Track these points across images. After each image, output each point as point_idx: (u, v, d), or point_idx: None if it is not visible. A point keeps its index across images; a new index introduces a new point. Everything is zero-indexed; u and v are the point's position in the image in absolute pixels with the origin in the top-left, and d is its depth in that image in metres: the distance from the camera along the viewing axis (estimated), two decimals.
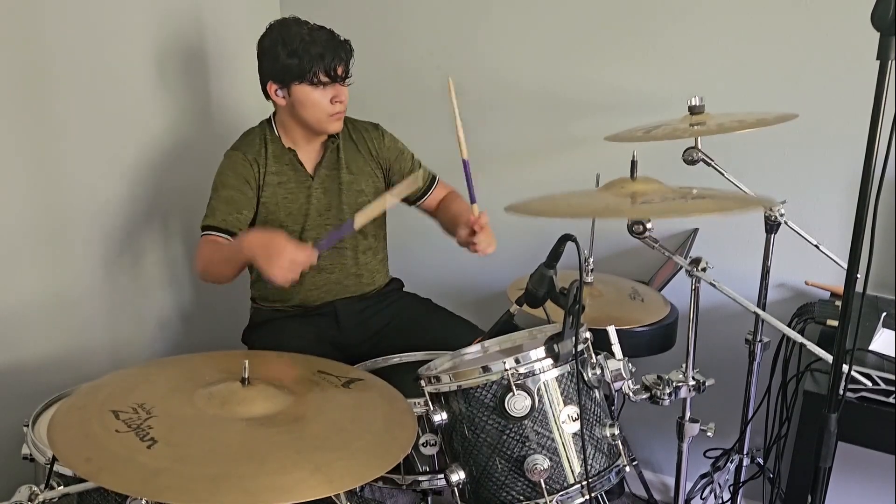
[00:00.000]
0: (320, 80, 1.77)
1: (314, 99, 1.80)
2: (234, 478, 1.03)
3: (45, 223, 1.94)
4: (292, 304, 1.97)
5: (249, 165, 1.87)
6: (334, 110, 1.82)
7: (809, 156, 1.96)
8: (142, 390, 1.26)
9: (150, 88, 2.16)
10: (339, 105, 1.82)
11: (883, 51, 1.00)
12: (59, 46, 1.90)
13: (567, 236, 1.42)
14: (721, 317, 2.12)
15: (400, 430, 1.23)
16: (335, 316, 1.97)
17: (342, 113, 1.85)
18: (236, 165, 1.88)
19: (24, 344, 1.93)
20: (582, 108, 2.19)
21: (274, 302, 1.99)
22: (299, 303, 1.97)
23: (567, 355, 1.30)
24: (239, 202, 1.85)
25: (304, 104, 1.81)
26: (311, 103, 1.81)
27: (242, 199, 1.86)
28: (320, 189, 1.93)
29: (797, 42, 1.91)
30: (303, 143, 1.92)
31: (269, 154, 1.90)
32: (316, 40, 1.77)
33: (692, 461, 1.70)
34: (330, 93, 1.80)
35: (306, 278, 1.94)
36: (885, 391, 1.48)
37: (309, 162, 1.94)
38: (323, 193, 1.93)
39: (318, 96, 1.80)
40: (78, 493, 1.40)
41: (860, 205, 1.06)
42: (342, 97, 1.82)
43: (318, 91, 1.79)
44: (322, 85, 1.78)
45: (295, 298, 1.96)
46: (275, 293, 1.98)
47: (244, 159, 1.88)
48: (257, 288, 2.03)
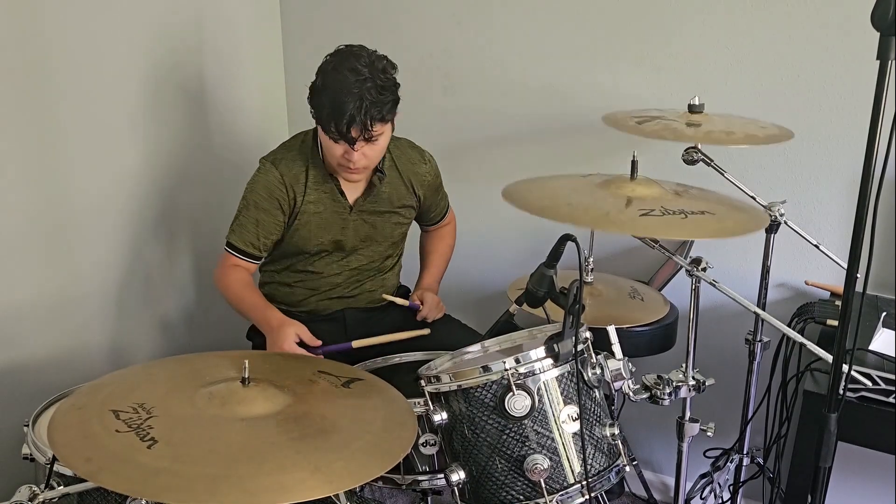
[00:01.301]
0: (331, 135, 1.66)
1: (328, 146, 1.70)
2: (234, 478, 1.03)
3: (46, 223, 1.93)
4: (302, 310, 1.95)
5: (286, 190, 1.79)
6: (347, 165, 1.71)
7: (809, 156, 1.96)
8: (142, 390, 1.26)
9: (150, 89, 2.16)
10: (350, 163, 1.69)
11: (883, 51, 1.00)
12: (60, 48, 1.90)
13: (567, 236, 1.42)
14: (721, 317, 2.12)
15: (400, 430, 1.23)
16: (343, 322, 1.94)
17: (357, 171, 1.73)
18: (271, 187, 1.79)
19: (24, 344, 1.93)
20: (582, 109, 2.19)
21: (281, 304, 1.96)
22: (309, 310, 1.95)
23: (567, 355, 1.30)
24: (268, 226, 1.81)
25: (324, 148, 1.74)
26: (327, 149, 1.72)
27: (271, 224, 1.81)
28: (358, 221, 1.86)
29: (797, 42, 1.91)
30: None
31: (310, 179, 1.80)
32: (343, 89, 1.61)
33: (692, 461, 1.70)
34: (343, 148, 1.68)
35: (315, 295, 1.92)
36: (885, 391, 1.48)
37: (351, 193, 1.84)
38: (360, 225, 1.86)
39: (331, 145, 1.69)
40: (78, 493, 1.40)
41: (860, 205, 1.06)
42: (352, 157, 1.67)
43: (335, 144, 1.68)
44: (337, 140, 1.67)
45: (306, 307, 1.94)
46: (284, 297, 1.95)
47: (280, 182, 1.78)
48: (267, 290, 1.99)
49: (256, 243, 1.82)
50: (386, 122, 1.68)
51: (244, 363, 1.26)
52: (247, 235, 1.81)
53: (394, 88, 1.70)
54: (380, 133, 1.68)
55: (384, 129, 1.69)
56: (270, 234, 1.82)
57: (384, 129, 1.69)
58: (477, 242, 2.45)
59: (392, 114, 1.71)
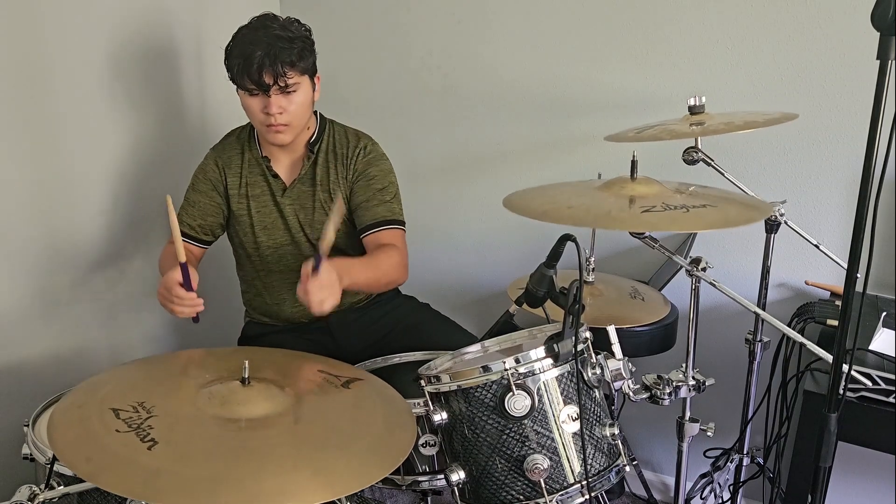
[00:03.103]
0: (247, 87, 1.65)
1: (248, 105, 1.69)
2: (234, 480, 1.03)
3: (45, 223, 1.94)
4: (279, 319, 1.94)
5: (219, 171, 1.85)
6: (268, 121, 1.67)
7: (809, 156, 1.96)
8: (142, 388, 1.26)
9: (151, 89, 2.16)
10: (270, 117, 1.67)
11: (883, 51, 1.00)
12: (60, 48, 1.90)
13: (567, 236, 1.42)
14: (721, 317, 2.12)
15: (400, 432, 1.23)
16: (328, 330, 1.91)
17: (280, 126, 1.69)
18: (206, 169, 1.86)
19: (24, 344, 1.93)
20: (582, 108, 2.19)
21: (260, 315, 1.97)
22: (286, 320, 1.93)
23: (567, 355, 1.30)
24: (204, 208, 1.84)
25: (245, 110, 1.71)
26: (247, 109, 1.71)
27: (208, 205, 1.84)
28: (296, 205, 1.84)
29: (797, 42, 1.91)
30: (278, 153, 1.83)
31: (245, 161, 1.85)
32: (253, 41, 1.62)
33: (692, 461, 1.70)
34: (262, 102, 1.67)
35: (288, 297, 1.89)
36: (885, 391, 1.48)
37: (287, 174, 1.85)
38: (297, 211, 1.84)
39: (251, 103, 1.68)
40: (78, 493, 1.40)
41: (860, 205, 1.06)
42: (272, 109, 1.65)
43: (253, 98, 1.67)
44: (254, 92, 1.66)
45: (281, 316, 1.93)
46: (261, 307, 1.95)
47: (214, 164, 1.85)
48: (246, 300, 2.00)
49: (193, 223, 1.84)
50: (298, 68, 1.66)
51: (244, 363, 1.26)
52: (185, 218, 1.84)
53: (305, 40, 1.69)
54: (295, 83, 1.66)
55: (299, 79, 1.67)
56: (207, 214, 1.85)
57: (299, 79, 1.67)
58: (477, 242, 2.45)
59: (306, 63, 1.68)
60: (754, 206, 1.44)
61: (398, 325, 1.94)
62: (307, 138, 1.83)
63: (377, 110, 2.21)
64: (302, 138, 1.81)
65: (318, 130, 1.84)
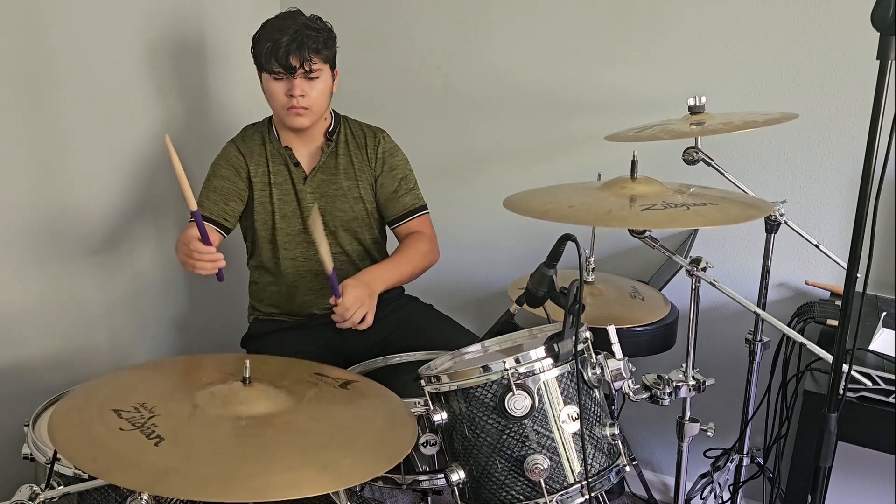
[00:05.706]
0: (273, 70, 1.73)
1: (271, 89, 1.77)
2: (244, 476, 1.03)
3: (46, 223, 1.93)
4: (290, 309, 1.95)
5: (242, 157, 1.88)
6: (290, 104, 1.76)
7: (809, 156, 1.96)
8: (141, 391, 1.26)
9: (153, 89, 2.16)
10: (293, 99, 1.75)
11: (883, 51, 1.00)
12: (61, 50, 1.90)
13: (567, 236, 1.42)
14: (721, 317, 2.12)
15: (401, 428, 1.24)
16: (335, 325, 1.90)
17: (300, 109, 1.77)
18: (229, 156, 1.90)
19: (24, 344, 1.93)
20: (582, 108, 2.19)
21: (270, 306, 1.97)
22: (297, 308, 1.95)
23: (567, 355, 1.30)
24: (227, 192, 1.86)
25: (267, 95, 1.80)
26: (270, 94, 1.78)
27: (231, 190, 1.87)
28: (317, 193, 1.89)
29: (797, 42, 1.91)
30: (297, 142, 1.90)
31: (267, 151, 1.90)
32: (282, 28, 1.72)
33: (692, 461, 1.70)
34: (286, 85, 1.75)
35: (301, 284, 1.93)
36: (885, 391, 1.48)
37: (307, 163, 1.91)
38: (318, 198, 1.89)
39: (275, 87, 1.76)
40: (78, 493, 1.40)
41: (860, 205, 1.06)
42: (295, 91, 1.74)
43: (277, 82, 1.75)
44: (279, 76, 1.74)
45: (292, 305, 1.94)
46: (272, 298, 1.96)
47: (237, 151, 1.89)
48: (255, 293, 2.01)
49: (214, 208, 1.85)
50: (322, 56, 1.75)
51: (245, 363, 1.27)
52: (206, 203, 1.85)
53: (329, 32, 1.79)
54: (318, 69, 1.75)
55: (322, 66, 1.77)
56: (230, 199, 1.86)
57: (322, 66, 1.77)
58: (477, 242, 2.45)
59: (329, 52, 1.78)
60: (754, 205, 1.45)
61: (402, 325, 1.95)
62: (325, 128, 1.90)
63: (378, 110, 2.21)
64: (319, 128, 1.89)
65: (334, 122, 1.93)
